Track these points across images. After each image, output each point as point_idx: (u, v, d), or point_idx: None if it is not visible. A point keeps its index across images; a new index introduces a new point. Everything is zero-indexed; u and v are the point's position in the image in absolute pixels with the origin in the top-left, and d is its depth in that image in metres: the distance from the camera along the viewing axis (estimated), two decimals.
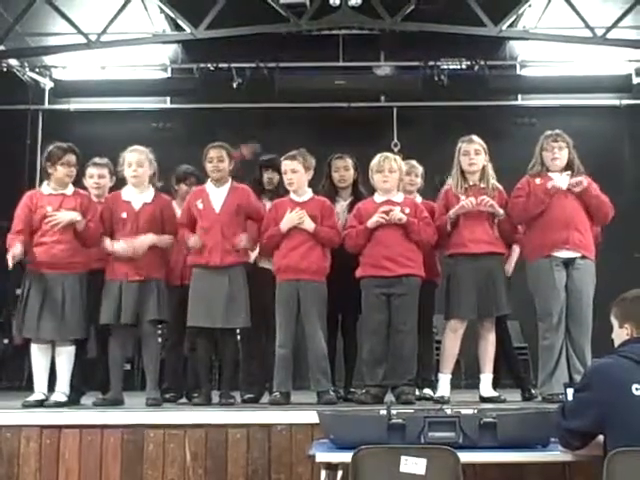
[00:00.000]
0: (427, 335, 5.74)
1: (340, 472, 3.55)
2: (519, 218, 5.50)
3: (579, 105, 10.02)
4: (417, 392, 5.53)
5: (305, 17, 8.23)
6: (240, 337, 5.88)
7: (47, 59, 9.91)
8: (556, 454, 3.50)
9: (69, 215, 5.24)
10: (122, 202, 5.38)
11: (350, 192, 5.90)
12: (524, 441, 3.57)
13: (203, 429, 4.45)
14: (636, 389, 3.19)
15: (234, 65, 9.76)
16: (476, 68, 9.82)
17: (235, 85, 9.76)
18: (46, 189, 5.37)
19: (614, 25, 8.37)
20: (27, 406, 5.06)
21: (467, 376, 6.97)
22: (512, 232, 5.59)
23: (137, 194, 5.38)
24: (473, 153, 5.49)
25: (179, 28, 8.81)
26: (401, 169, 5.48)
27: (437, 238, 5.42)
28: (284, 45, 9.08)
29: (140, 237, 5.28)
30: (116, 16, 8.32)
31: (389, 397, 5.23)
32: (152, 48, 9.65)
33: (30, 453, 4.41)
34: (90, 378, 5.64)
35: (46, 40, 9.34)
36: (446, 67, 9.82)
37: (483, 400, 5.33)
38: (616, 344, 3.46)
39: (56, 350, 5.26)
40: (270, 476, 4.39)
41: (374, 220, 5.30)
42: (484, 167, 5.51)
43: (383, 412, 3.65)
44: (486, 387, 5.41)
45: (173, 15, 8.56)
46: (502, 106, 10.25)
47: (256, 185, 5.92)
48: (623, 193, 9.03)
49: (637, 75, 9.99)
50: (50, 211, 5.25)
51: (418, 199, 5.79)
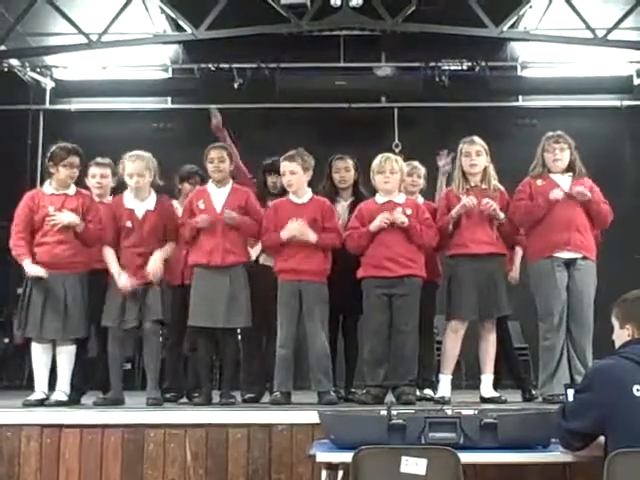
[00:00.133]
0: (428, 336, 5.73)
1: (341, 472, 3.55)
2: (521, 222, 5.50)
3: (580, 106, 10.03)
4: (418, 392, 5.53)
5: (306, 18, 8.23)
6: (241, 337, 5.89)
7: (48, 59, 9.92)
8: (557, 455, 3.51)
9: (68, 218, 5.24)
10: (125, 210, 5.34)
11: (351, 193, 5.90)
12: (525, 442, 3.58)
13: (204, 429, 4.45)
14: (637, 390, 3.19)
15: (235, 65, 9.77)
16: (477, 69, 9.83)
17: (236, 85, 9.77)
18: (48, 189, 5.37)
19: (615, 26, 8.38)
20: (28, 405, 5.06)
21: (468, 377, 6.98)
22: (513, 233, 5.58)
23: (139, 202, 5.36)
24: (474, 154, 5.48)
25: (180, 28, 8.82)
26: (402, 170, 5.47)
27: (439, 240, 5.42)
28: (285, 46, 9.08)
29: (150, 262, 5.21)
30: (117, 16, 8.33)
31: (390, 397, 5.23)
32: (153, 48, 9.66)
33: (30, 452, 4.40)
34: (91, 377, 5.63)
35: (47, 40, 9.34)
36: (447, 68, 9.83)
37: (484, 401, 5.32)
38: (617, 345, 3.46)
39: (57, 349, 5.26)
40: (270, 476, 4.39)
41: (376, 224, 5.29)
42: (486, 168, 5.50)
43: (384, 412, 3.66)
44: (487, 388, 5.41)
45: (174, 15, 8.57)
46: (503, 107, 10.25)
47: (261, 189, 5.92)
48: (624, 194, 9.06)
49: (638, 76, 10.00)
50: (52, 211, 5.24)
51: (420, 200, 5.79)
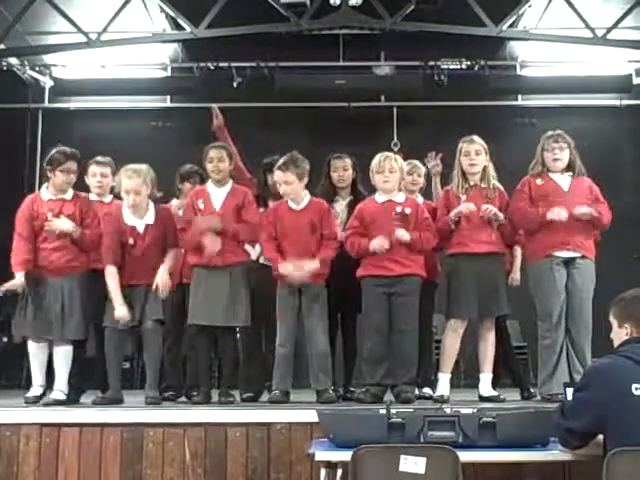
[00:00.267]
0: (427, 334, 5.73)
1: (340, 471, 3.55)
2: (520, 224, 5.50)
3: (579, 105, 10.01)
4: (416, 391, 5.53)
5: (305, 17, 8.24)
6: (240, 336, 5.88)
7: (47, 58, 9.89)
8: (555, 453, 3.51)
9: (64, 225, 5.24)
10: (126, 227, 5.28)
11: (349, 192, 5.89)
12: (523, 440, 3.58)
13: (202, 428, 4.45)
14: (636, 389, 3.19)
15: (234, 64, 9.74)
16: (476, 68, 9.80)
17: (235, 84, 9.74)
18: (45, 194, 5.36)
19: (614, 26, 8.39)
20: (29, 402, 5.08)
21: (466, 375, 6.97)
22: (513, 233, 5.59)
23: (139, 219, 5.31)
24: (474, 153, 5.48)
25: (179, 27, 8.82)
26: (402, 169, 5.46)
27: (438, 240, 5.41)
28: (284, 44, 9.06)
29: (157, 276, 5.18)
30: (116, 15, 8.34)
31: (389, 396, 5.23)
32: (152, 47, 9.63)
33: (29, 451, 4.41)
34: (89, 376, 5.63)
35: (46, 39, 9.33)
36: (446, 67, 9.80)
37: (482, 399, 5.32)
38: (615, 344, 3.46)
39: (53, 349, 5.27)
40: (269, 475, 4.39)
41: (376, 248, 5.22)
42: (485, 167, 5.50)
43: (383, 411, 3.66)
44: (485, 386, 5.41)
45: (173, 14, 8.57)
46: (502, 106, 10.23)
47: (262, 188, 5.91)
48: (623, 193, 9.08)
49: (637, 75, 9.97)
50: (50, 217, 5.24)
51: (420, 199, 5.79)
